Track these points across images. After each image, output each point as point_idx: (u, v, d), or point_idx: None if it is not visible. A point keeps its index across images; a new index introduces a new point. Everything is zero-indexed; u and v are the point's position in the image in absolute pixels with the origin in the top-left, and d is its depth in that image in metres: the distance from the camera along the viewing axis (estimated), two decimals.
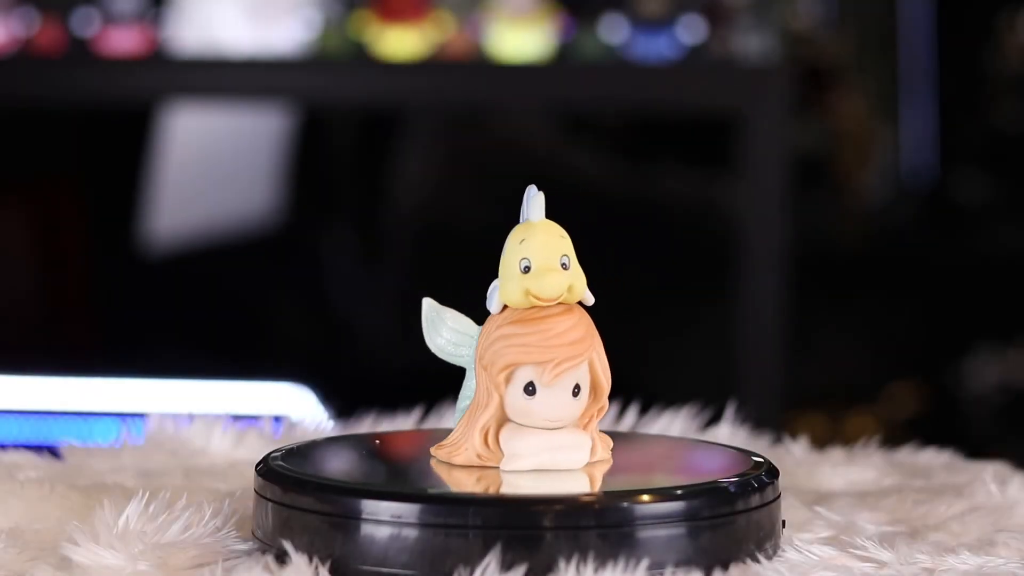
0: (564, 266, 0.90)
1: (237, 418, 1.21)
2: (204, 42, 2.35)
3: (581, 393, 0.91)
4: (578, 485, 0.89)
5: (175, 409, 1.26)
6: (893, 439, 1.34)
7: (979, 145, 2.97)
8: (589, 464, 0.92)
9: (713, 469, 0.95)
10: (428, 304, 0.93)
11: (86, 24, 2.36)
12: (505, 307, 0.91)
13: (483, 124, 2.62)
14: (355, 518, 0.85)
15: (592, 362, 0.91)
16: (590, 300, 0.91)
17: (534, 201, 0.91)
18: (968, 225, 2.91)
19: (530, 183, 0.92)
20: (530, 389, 0.90)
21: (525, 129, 2.58)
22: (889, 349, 2.86)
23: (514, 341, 0.90)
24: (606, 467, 0.92)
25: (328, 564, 0.85)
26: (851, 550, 0.92)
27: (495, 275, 0.92)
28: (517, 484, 0.89)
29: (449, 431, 0.94)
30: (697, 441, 1.11)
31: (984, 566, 0.91)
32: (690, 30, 2.32)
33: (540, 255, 0.90)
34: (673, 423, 1.24)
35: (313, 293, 2.61)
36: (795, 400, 2.60)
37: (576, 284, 0.90)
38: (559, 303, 0.90)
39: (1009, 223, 2.88)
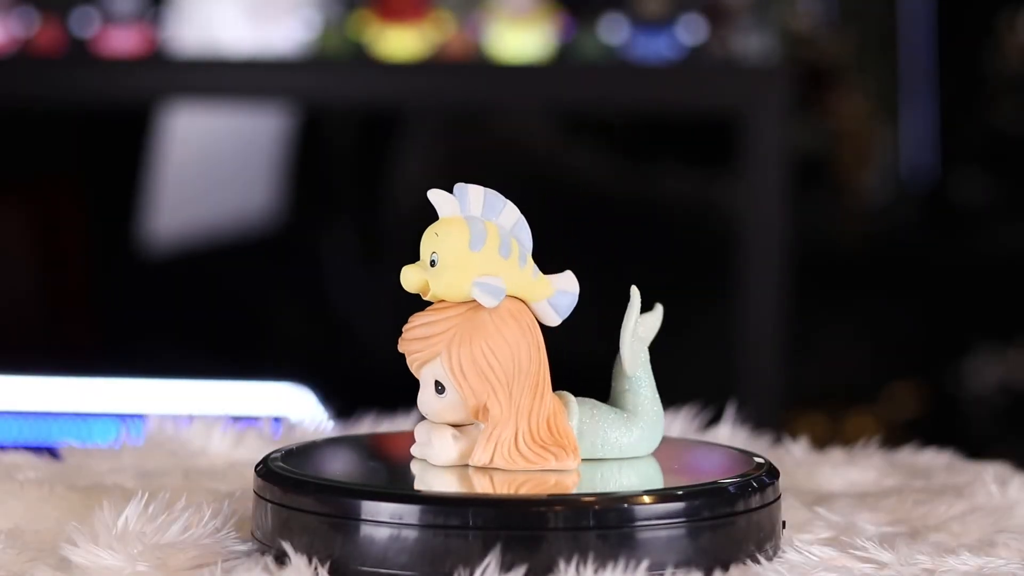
0: (433, 263, 0.90)
1: (237, 419, 1.21)
2: (204, 42, 2.35)
3: (447, 392, 0.91)
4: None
5: (175, 409, 1.26)
6: (893, 439, 1.34)
7: (979, 145, 2.97)
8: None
9: (713, 469, 0.95)
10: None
11: (86, 24, 2.35)
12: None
13: (483, 124, 2.62)
14: (355, 519, 0.85)
15: (442, 362, 0.90)
16: (485, 302, 0.90)
17: (430, 196, 0.93)
18: (968, 225, 2.91)
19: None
20: None
21: (525, 129, 2.58)
22: (889, 349, 2.86)
23: None
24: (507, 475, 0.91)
25: (328, 565, 0.85)
26: (851, 551, 0.92)
27: None
28: (516, 484, 0.89)
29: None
30: (697, 441, 1.11)
31: (984, 567, 0.91)
32: (690, 30, 2.32)
33: (420, 251, 0.92)
34: (673, 423, 1.24)
35: (313, 293, 2.61)
36: (795, 400, 2.60)
37: (435, 283, 0.90)
38: (441, 299, 0.91)
39: (1009, 223, 2.88)
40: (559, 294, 0.92)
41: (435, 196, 0.92)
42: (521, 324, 0.91)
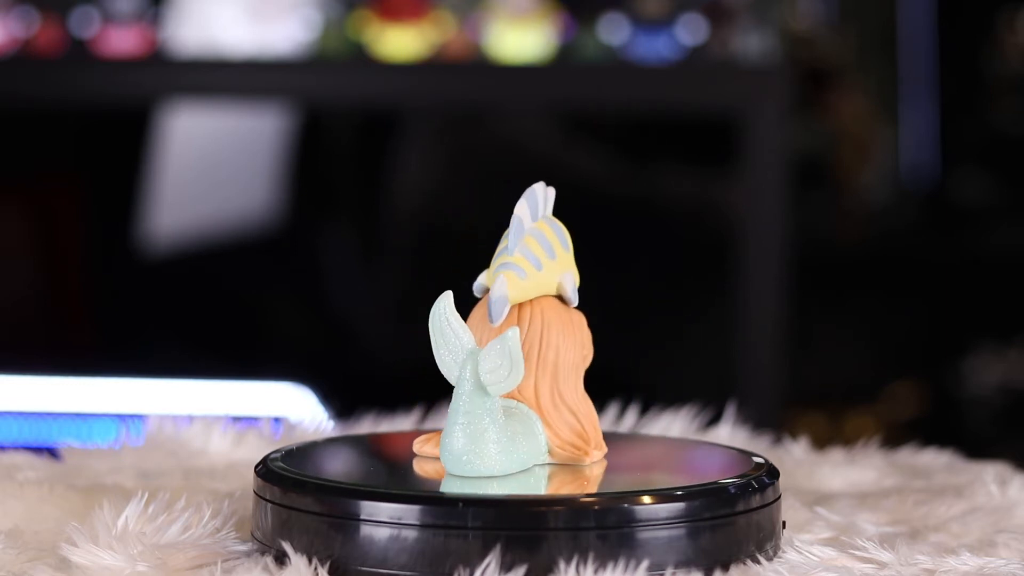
0: None
1: (237, 419, 1.21)
2: (204, 42, 2.35)
3: None
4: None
5: (175, 409, 1.26)
6: (893, 439, 1.34)
7: (979, 145, 2.97)
8: None
9: (713, 470, 0.95)
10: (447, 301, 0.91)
11: (85, 24, 2.35)
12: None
13: (483, 124, 2.62)
14: (354, 519, 0.85)
15: None
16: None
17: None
18: (968, 225, 2.91)
19: (530, 183, 0.93)
20: None
21: (525, 129, 2.58)
22: (889, 349, 2.86)
23: None
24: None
25: (328, 565, 0.85)
26: (851, 551, 0.92)
27: None
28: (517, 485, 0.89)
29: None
30: (697, 442, 1.11)
31: (984, 567, 0.91)
32: (690, 30, 2.32)
33: None
34: (673, 423, 1.24)
35: (313, 293, 2.61)
36: (795, 400, 2.60)
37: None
38: None
39: (1009, 223, 2.88)
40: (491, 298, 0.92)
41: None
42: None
